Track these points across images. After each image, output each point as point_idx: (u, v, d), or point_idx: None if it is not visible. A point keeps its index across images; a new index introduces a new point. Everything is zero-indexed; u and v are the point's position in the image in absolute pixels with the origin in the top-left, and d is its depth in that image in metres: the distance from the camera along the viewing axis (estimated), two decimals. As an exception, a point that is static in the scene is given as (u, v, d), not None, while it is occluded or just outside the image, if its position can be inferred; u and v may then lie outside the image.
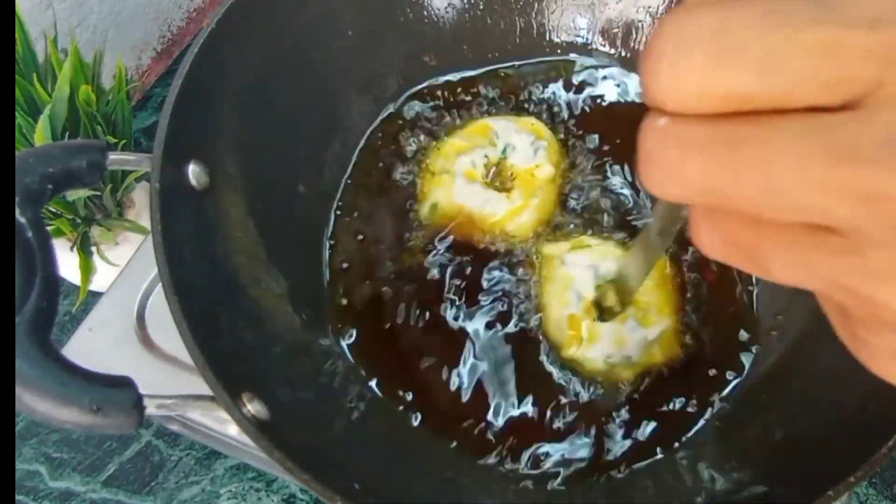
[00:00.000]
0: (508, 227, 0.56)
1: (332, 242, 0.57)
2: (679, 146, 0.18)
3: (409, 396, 0.51)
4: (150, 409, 0.36)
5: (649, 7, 0.62)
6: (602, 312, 0.50)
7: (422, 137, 0.61)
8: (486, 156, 0.58)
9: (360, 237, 0.57)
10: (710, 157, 0.17)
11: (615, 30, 0.64)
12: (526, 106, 0.63)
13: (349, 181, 0.59)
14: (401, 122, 0.62)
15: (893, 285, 0.18)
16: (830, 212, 0.17)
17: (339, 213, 0.58)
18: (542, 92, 0.63)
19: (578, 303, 0.52)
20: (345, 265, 0.56)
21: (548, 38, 0.65)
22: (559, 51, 0.65)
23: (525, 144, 0.58)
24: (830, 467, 0.38)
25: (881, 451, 0.37)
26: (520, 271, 0.55)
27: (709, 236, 0.20)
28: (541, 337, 0.52)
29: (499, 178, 0.58)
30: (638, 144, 0.18)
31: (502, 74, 0.64)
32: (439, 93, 0.63)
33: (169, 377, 0.53)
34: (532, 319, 0.53)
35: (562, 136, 0.61)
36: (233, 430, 0.39)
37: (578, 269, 0.53)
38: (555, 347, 0.52)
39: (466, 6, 0.64)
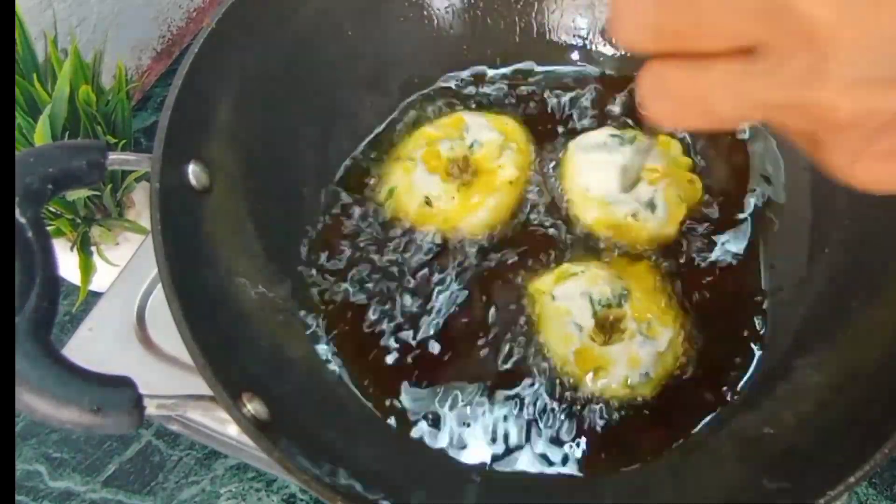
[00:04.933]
0: (460, 224, 0.55)
1: (325, 243, 0.57)
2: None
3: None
4: (150, 409, 0.36)
5: (649, 7, 0.62)
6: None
7: (422, 137, 0.61)
8: (451, 147, 0.57)
9: (353, 238, 0.57)
10: (654, 4, 0.23)
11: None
12: (523, 106, 0.62)
13: (348, 182, 0.59)
14: (401, 122, 0.62)
15: (811, 86, 0.22)
16: (746, 30, 0.22)
17: (333, 215, 0.58)
18: (542, 93, 0.63)
19: (582, 335, 0.50)
20: (339, 266, 0.56)
21: (548, 38, 0.65)
22: (559, 51, 0.65)
23: (493, 143, 0.58)
24: (830, 467, 0.38)
25: (881, 451, 0.37)
26: (511, 313, 0.53)
27: (657, 102, 0.25)
28: (553, 380, 0.50)
29: (460, 172, 0.58)
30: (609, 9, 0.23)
31: (502, 74, 0.64)
32: (439, 93, 0.63)
33: (169, 377, 0.53)
34: (535, 364, 0.51)
35: (545, 140, 0.60)
36: (233, 430, 0.39)
37: (572, 300, 0.51)
38: (571, 387, 0.50)
39: (466, 6, 0.64)
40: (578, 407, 0.49)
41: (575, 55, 0.65)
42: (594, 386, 0.49)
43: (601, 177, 0.55)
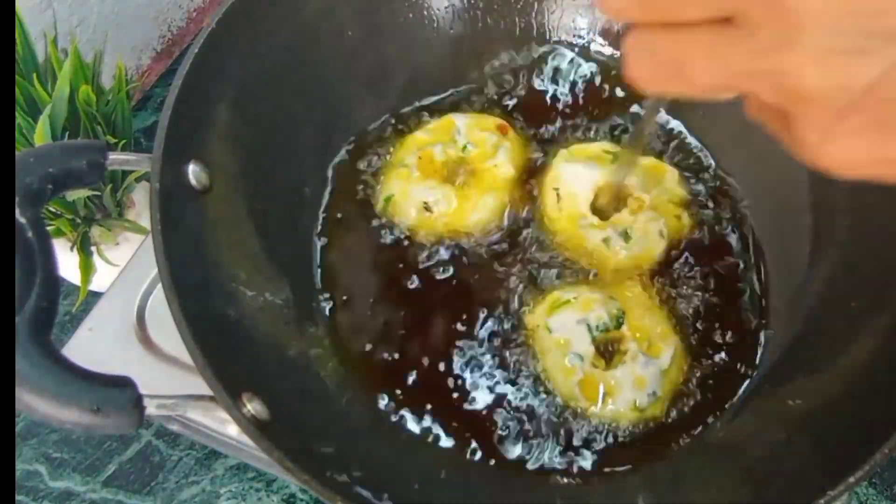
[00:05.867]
0: (461, 226, 0.55)
1: (324, 243, 0.57)
2: None
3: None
4: (150, 409, 0.36)
5: (649, 7, 0.62)
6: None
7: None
8: (445, 151, 0.57)
9: (353, 241, 0.57)
10: None
11: (615, 30, 0.64)
12: (522, 106, 0.62)
13: (347, 183, 0.59)
14: (400, 122, 0.62)
15: (780, 53, 0.22)
16: (722, 2, 0.23)
17: (332, 215, 0.58)
18: (542, 93, 0.63)
19: (584, 363, 0.49)
20: (336, 268, 0.56)
21: (548, 39, 0.65)
22: (559, 51, 0.65)
23: (487, 143, 0.57)
24: (830, 467, 0.38)
25: (881, 451, 0.37)
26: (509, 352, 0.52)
27: (639, 65, 0.26)
28: (557, 411, 0.49)
29: (456, 174, 0.58)
30: None
31: (502, 74, 0.64)
32: (439, 93, 0.63)
33: (169, 377, 0.53)
34: (543, 400, 0.50)
35: (540, 139, 0.60)
36: (233, 430, 0.39)
37: (569, 330, 0.50)
38: (578, 416, 0.49)
39: (466, 6, 0.64)
40: (586, 434, 0.49)
41: (575, 55, 0.65)
42: (603, 413, 0.48)
43: (579, 192, 0.55)
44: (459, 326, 0.53)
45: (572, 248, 0.54)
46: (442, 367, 0.51)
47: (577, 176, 0.55)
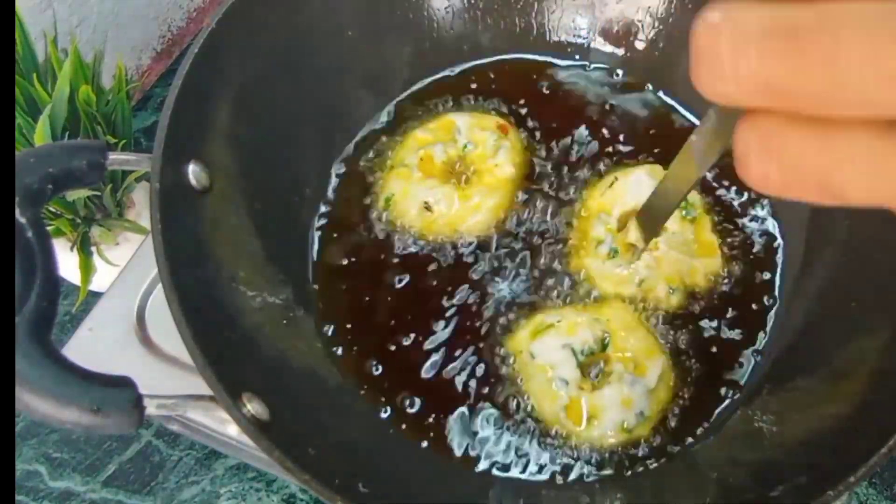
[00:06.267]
0: (463, 226, 0.55)
1: (324, 243, 0.57)
2: (734, 38, 0.16)
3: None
4: (150, 409, 0.36)
5: (649, 7, 0.62)
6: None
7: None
8: (445, 151, 0.57)
9: (353, 240, 0.57)
10: (769, 49, 0.16)
11: (615, 30, 0.64)
12: (522, 105, 0.62)
13: (348, 183, 0.59)
14: (401, 122, 0.62)
15: None
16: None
17: (333, 216, 0.58)
18: (541, 93, 0.63)
19: (569, 388, 0.48)
20: (336, 269, 0.56)
21: (548, 38, 0.65)
22: (559, 51, 0.65)
23: (487, 142, 0.57)
24: (830, 467, 0.38)
25: (881, 451, 0.37)
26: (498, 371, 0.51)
27: (762, 166, 0.18)
28: (542, 437, 0.49)
29: (457, 174, 0.58)
30: (691, 42, 0.17)
31: (502, 74, 0.64)
32: (439, 93, 0.63)
33: (169, 377, 0.53)
34: (529, 426, 0.49)
35: (540, 139, 0.60)
36: (233, 430, 0.39)
37: (552, 354, 0.49)
38: (562, 442, 0.48)
39: (466, 6, 0.64)
40: (568, 453, 0.48)
41: (575, 55, 0.65)
42: (588, 435, 0.48)
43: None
44: (463, 327, 0.53)
45: (578, 258, 0.54)
46: (441, 368, 0.51)
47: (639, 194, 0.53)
